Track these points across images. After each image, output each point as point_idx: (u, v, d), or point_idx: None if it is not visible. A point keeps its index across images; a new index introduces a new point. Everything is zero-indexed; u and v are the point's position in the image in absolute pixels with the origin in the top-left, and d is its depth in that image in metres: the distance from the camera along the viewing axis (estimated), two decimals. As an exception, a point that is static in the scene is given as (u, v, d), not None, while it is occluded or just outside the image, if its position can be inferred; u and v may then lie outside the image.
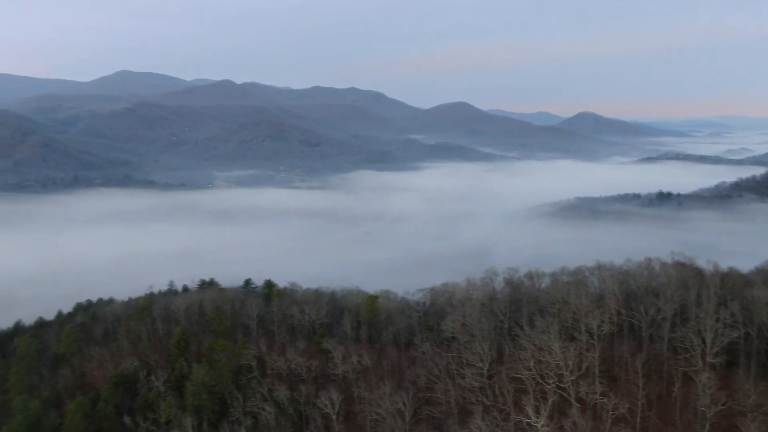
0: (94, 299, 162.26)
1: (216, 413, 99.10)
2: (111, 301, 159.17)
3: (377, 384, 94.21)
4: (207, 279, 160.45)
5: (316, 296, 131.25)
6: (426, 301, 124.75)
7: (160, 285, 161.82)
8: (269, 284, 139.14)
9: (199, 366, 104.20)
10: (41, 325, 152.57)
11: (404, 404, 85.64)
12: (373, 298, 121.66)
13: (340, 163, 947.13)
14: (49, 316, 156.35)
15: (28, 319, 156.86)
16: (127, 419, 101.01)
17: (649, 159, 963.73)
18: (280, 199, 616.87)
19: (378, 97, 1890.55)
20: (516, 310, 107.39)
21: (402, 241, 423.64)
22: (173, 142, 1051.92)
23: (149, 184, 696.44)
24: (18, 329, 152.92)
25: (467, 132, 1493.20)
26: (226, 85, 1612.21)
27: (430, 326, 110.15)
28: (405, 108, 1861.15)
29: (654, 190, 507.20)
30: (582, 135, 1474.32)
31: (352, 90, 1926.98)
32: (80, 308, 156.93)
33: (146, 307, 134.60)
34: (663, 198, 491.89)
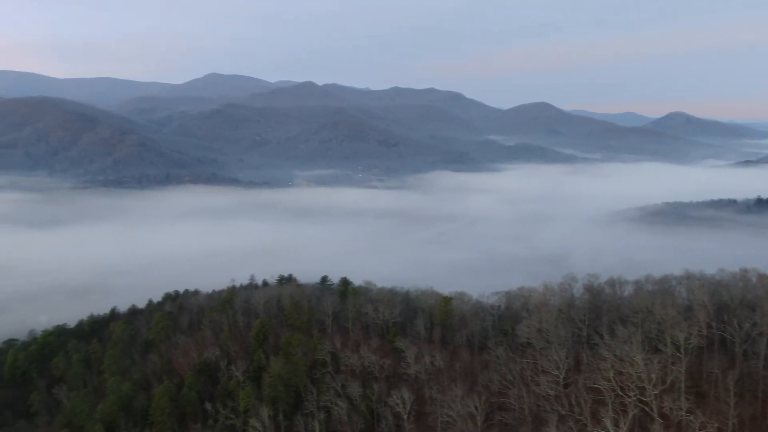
0: (182, 290, 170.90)
1: (291, 405, 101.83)
2: (196, 292, 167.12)
3: (449, 386, 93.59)
4: (286, 275, 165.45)
5: (391, 295, 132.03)
6: (501, 304, 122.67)
7: (242, 279, 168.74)
8: (345, 282, 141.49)
9: (276, 359, 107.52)
10: (134, 312, 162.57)
11: (476, 408, 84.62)
12: (447, 300, 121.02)
13: (417, 164, 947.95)
14: (141, 304, 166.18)
15: (123, 307, 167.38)
16: (208, 405, 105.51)
17: (748, 162, 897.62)
18: (357, 199, 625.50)
19: (456, 98, 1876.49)
20: (595, 318, 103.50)
21: (478, 243, 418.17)
22: (257, 141, 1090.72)
23: (234, 181, 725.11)
24: (113, 315, 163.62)
25: (548, 133, 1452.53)
26: (308, 87, 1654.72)
27: (504, 330, 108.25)
28: (483, 108, 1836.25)
29: (752, 195, 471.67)
30: (672, 136, 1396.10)
31: (431, 90, 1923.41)
32: (168, 298, 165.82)
33: (228, 300, 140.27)
34: (763, 204, 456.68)
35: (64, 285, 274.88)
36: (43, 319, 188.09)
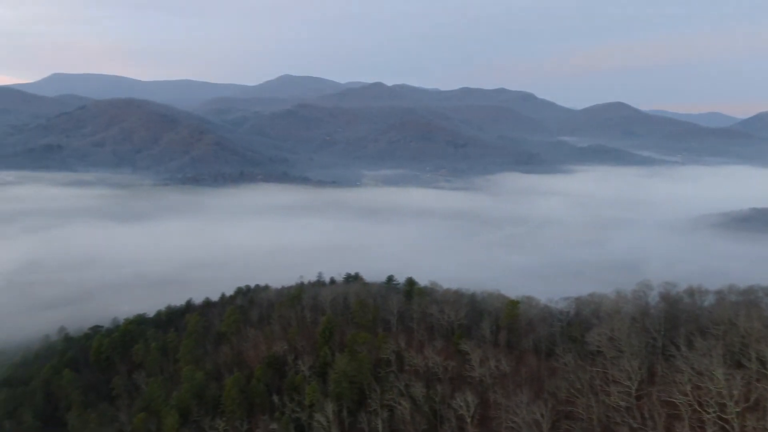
0: (253, 285, 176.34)
1: (355, 402, 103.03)
2: (266, 287, 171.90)
3: (514, 391, 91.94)
4: (352, 273, 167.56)
5: (456, 297, 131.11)
6: (570, 310, 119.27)
7: (310, 276, 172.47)
8: (410, 282, 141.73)
9: (342, 356, 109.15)
10: (207, 304, 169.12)
11: (542, 415, 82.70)
12: (513, 303, 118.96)
13: (485, 165, 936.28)
14: (214, 297, 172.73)
15: (198, 299, 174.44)
16: (275, 398, 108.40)
17: None
18: (424, 199, 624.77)
19: (527, 98, 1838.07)
20: (672, 329, 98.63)
21: (547, 247, 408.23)
22: (327, 141, 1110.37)
23: (304, 180, 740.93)
24: (189, 307, 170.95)
25: (624, 134, 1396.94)
26: (378, 88, 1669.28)
27: (573, 337, 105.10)
28: (556, 109, 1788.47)
29: None
30: (762, 138, 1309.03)
31: (501, 91, 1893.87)
32: (240, 292, 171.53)
33: (296, 296, 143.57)
34: None
35: (145, 276, 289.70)
36: (126, 308, 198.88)
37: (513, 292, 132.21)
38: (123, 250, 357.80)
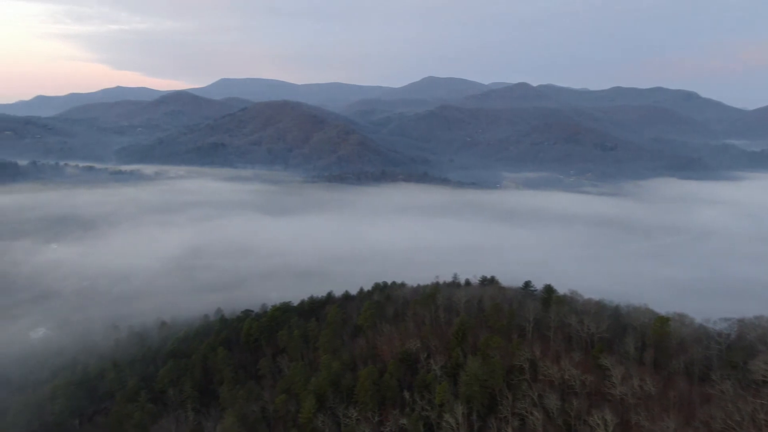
0: (389, 281, 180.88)
1: (485, 407, 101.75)
2: (402, 285, 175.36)
3: (660, 415, 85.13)
4: (488, 276, 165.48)
5: (598, 308, 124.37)
6: (731, 333, 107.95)
7: (445, 276, 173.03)
8: (549, 289, 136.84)
9: (474, 358, 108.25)
10: (346, 297, 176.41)
11: (691, 444, 75.77)
12: (663, 320, 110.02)
13: (636, 169, 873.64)
14: (353, 290, 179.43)
15: (338, 291, 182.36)
16: (406, 394, 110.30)
17: None
18: (567, 204, 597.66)
19: (688, 97, 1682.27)
20: None
21: (706, 261, 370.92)
22: (468, 142, 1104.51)
23: (443, 181, 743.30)
24: (329, 299, 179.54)
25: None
26: (522, 88, 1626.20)
27: (734, 363, 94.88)
28: (722, 109, 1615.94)
29: None
30: None
31: (658, 90, 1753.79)
32: (378, 288, 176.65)
33: (431, 295, 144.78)
34: None
35: (291, 267, 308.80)
36: (273, 295, 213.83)
37: (662, 307, 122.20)
38: (273, 242, 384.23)
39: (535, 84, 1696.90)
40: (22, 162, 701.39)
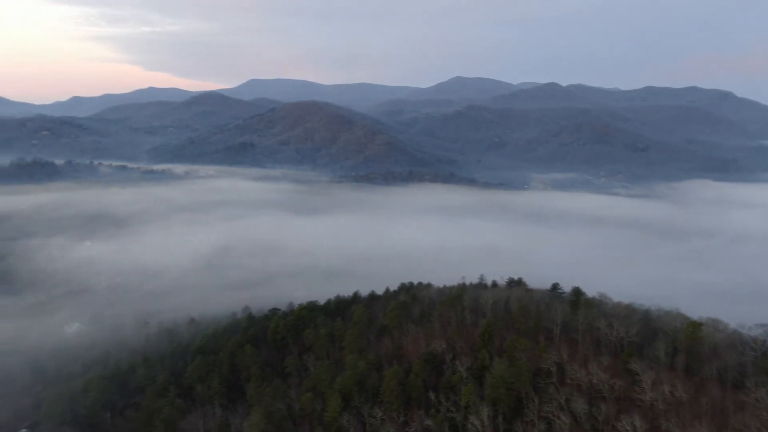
0: (415, 282, 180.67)
1: (511, 409, 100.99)
2: (428, 285, 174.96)
3: (691, 422, 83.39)
4: (515, 278, 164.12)
5: (628, 312, 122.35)
6: (767, 339, 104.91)
7: (471, 277, 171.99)
8: (577, 292, 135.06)
9: (500, 360, 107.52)
10: (372, 297, 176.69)
11: (724, 453, 73.99)
12: (695, 325, 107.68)
13: (669, 171, 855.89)
14: (379, 290, 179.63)
15: (364, 291, 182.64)
16: (432, 395, 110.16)
17: None
18: (596, 205, 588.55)
19: (724, 97, 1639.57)
20: None
21: (741, 265, 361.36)
22: (496, 143, 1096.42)
23: (470, 182, 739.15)
24: (355, 298, 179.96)
25: None
26: (551, 88, 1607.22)
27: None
28: (759, 109, 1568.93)
29: None
30: None
31: (692, 89, 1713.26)
32: (404, 288, 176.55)
33: (457, 296, 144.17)
34: None
35: (318, 266, 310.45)
36: (300, 294, 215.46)
37: (694, 312, 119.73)
38: (300, 241, 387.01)
39: (564, 84, 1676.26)
40: (59, 161, 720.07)
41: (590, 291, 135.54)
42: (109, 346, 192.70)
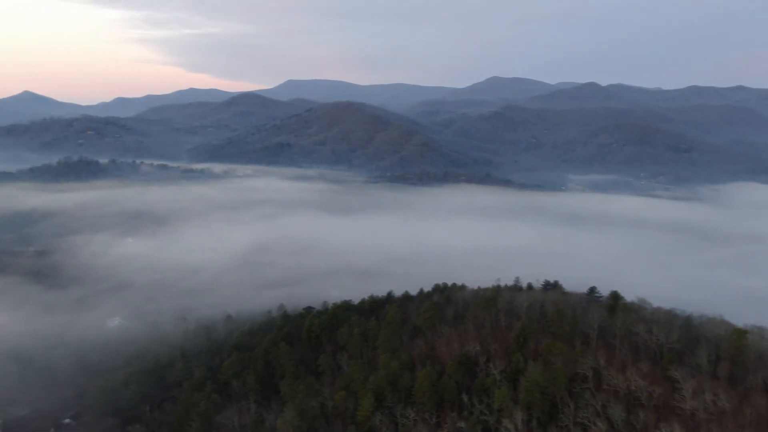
0: (450, 283, 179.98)
1: (545, 414, 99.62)
2: (463, 287, 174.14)
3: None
4: (551, 281, 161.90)
5: (668, 317, 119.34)
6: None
7: (506, 279, 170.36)
8: (615, 296, 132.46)
9: (535, 364, 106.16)
10: (406, 298, 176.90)
11: (769, 466, 71.38)
12: (740, 332, 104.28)
13: (713, 173, 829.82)
14: (413, 291, 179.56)
15: (398, 291, 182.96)
16: (465, 397, 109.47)
17: None
18: (636, 208, 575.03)
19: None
20: None
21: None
22: (533, 144, 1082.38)
23: (507, 183, 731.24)
24: (389, 298, 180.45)
25: None
26: (590, 88, 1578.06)
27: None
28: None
29: None
30: None
31: (739, 89, 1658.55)
32: (438, 289, 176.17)
33: (492, 299, 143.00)
34: None
35: (352, 266, 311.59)
36: (334, 293, 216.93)
37: (739, 319, 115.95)
38: (335, 241, 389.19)
39: (604, 84, 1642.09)
40: (103, 160, 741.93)
41: (629, 295, 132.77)
42: (148, 341, 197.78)
